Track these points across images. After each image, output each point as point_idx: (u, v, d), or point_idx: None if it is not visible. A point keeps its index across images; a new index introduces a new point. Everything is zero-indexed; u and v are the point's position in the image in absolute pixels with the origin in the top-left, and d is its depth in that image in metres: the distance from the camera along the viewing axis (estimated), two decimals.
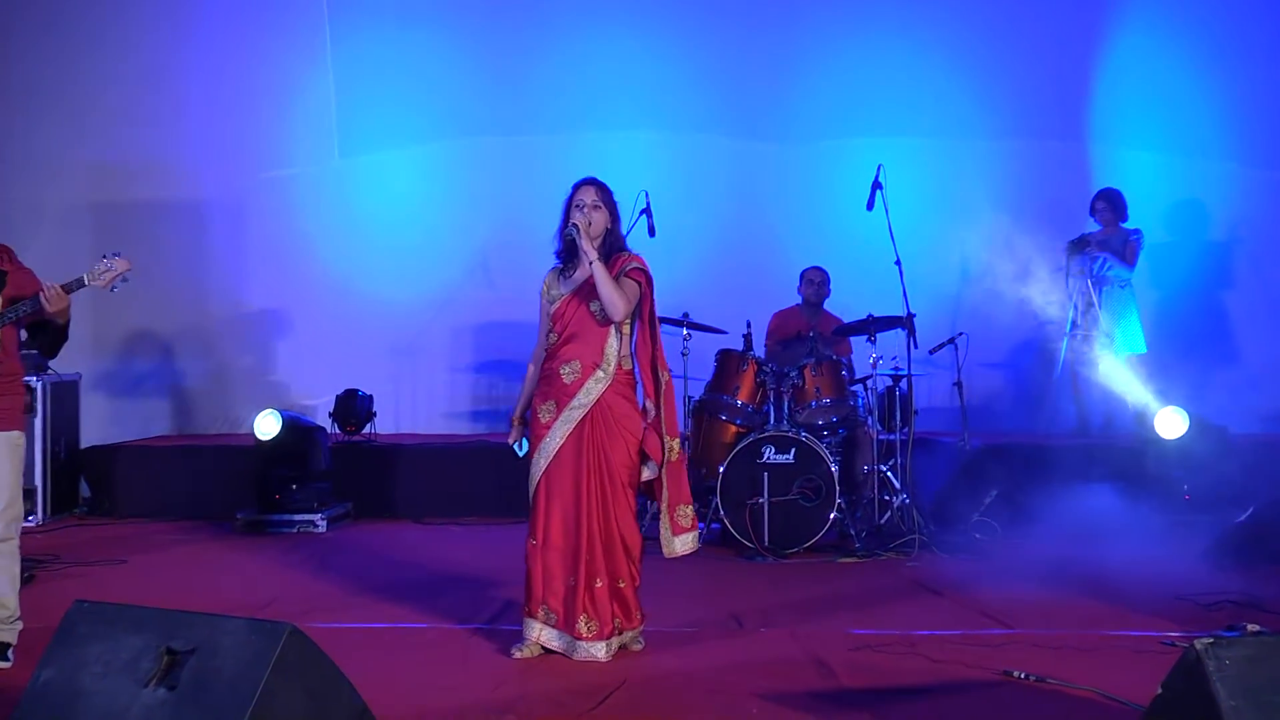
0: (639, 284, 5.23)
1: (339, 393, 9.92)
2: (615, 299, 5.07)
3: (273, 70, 11.07)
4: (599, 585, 5.11)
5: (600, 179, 5.39)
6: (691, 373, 8.46)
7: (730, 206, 10.98)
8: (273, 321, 11.06)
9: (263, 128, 11.06)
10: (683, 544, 5.35)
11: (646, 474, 5.30)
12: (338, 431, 9.74)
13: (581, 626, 5.11)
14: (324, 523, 8.67)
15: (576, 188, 5.32)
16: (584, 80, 11.03)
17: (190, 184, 11.02)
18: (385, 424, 10.29)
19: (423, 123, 11.08)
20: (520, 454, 5.37)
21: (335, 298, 10.93)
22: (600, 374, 5.15)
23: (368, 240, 11.02)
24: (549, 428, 5.15)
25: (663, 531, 5.32)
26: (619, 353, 5.20)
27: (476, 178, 11.03)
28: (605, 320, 5.15)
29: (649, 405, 5.25)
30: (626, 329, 5.27)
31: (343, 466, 9.27)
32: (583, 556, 5.10)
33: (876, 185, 8.22)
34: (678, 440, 5.33)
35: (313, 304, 10.97)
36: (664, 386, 5.30)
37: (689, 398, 8.51)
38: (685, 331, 8.44)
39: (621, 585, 5.17)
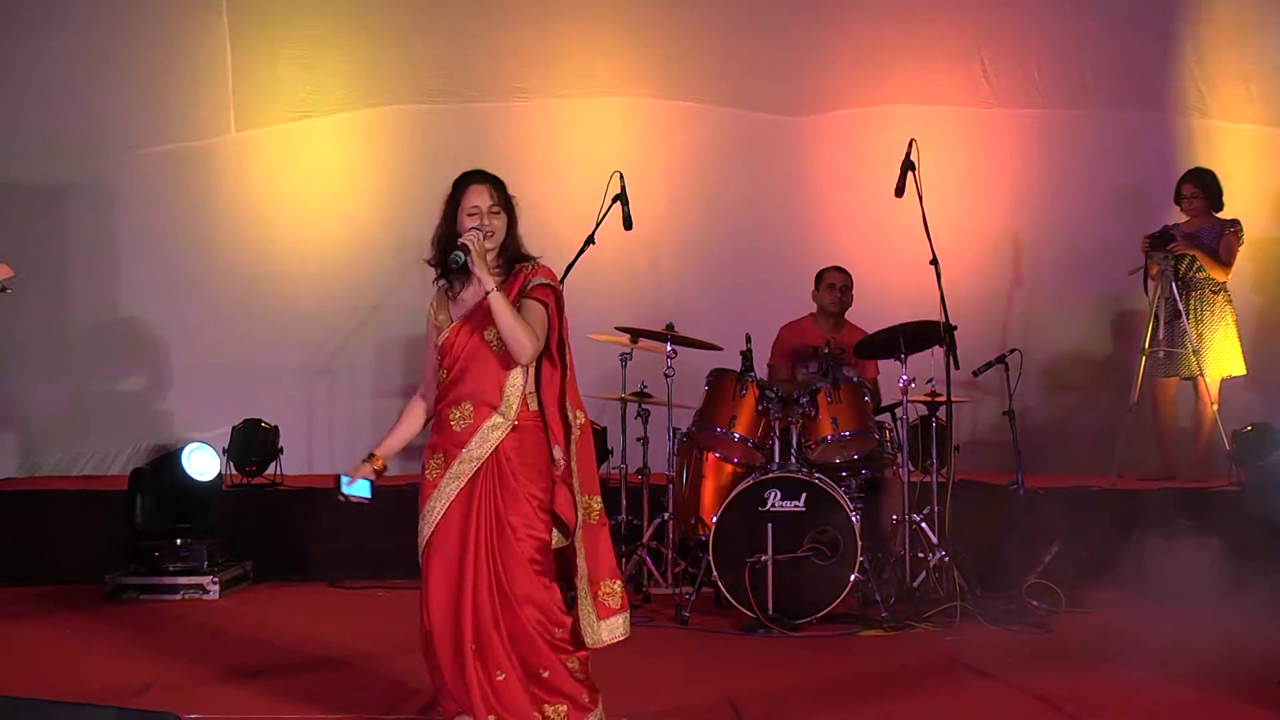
0: (545, 305, 5.09)
1: (236, 424, 9.88)
2: (521, 337, 4.91)
3: (151, 22, 11.06)
4: (500, 678, 4.99)
5: (493, 174, 5.23)
6: (678, 398, 8.46)
7: (727, 192, 11.01)
8: (152, 334, 11.03)
9: (139, 93, 11.03)
10: (610, 631, 5.12)
11: (556, 541, 5.17)
12: (234, 472, 9.70)
13: None
14: (215, 587, 8.62)
15: (466, 187, 5.16)
16: (543, 34, 11.06)
17: (45, 163, 10.97)
18: (294, 463, 10.24)
19: (343, 87, 11.10)
20: (344, 489, 5.17)
21: (231, 304, 10.91)
22: (498, 418, 5.03)
23: (272, 232, 11.01)
24: (434, 486, 5.10)
25: (583, 616, 5.08)
26: (523, 390, 5.07)
27: (409, 155, 11.03)
28: (506, 352, 5.07)
29: (557, 454, 5.13)
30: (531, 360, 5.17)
31: (240, 516, 9.22)
32: (468, 646, 4.99)
33: (908, 166, 8.22)
34: (598, 499, 5.17)
35: (203, 311, 10.94)
36: (577, 431, 5.17)
37: (674, 430, 8.50)
38: (670, 348, 8.44)
39: (545, 674, 5.02)
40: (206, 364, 10.91)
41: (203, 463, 8.85)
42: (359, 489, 5.13)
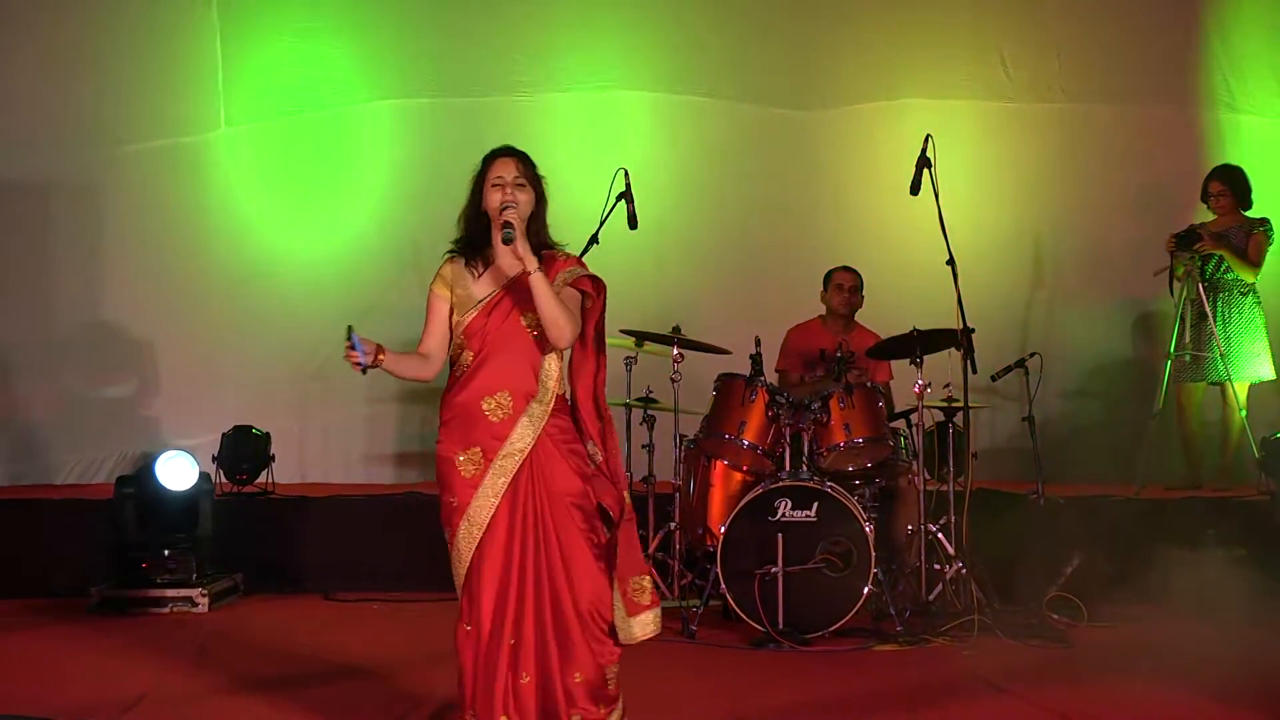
0: (586, 297, 5.13)
1: (226, 430, 9.89)
2: (562, 322, 4.93)
3: (137, 12, 11.08)
4: (525, 681, 5.00)
5: (522, 150, 5.28)
6: (685, 404, 8.47)
7: (735, 190, 11.03)
8: (138, 337, 11.04)
9: (125, 87, 11.04)
10: (642, 627, 5.22)
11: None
12: (224, 481, 9.70)
13: None
14: (205, 599, 8.62)
15: (493, 161, 5.22)
16: (544, 26, 11.08)
17: (26, 160, 10.97)
18: (286, 471, 10.27)
19: (337, 81, 11.12)
20: (353, 336, 4.89)
21: (221, 306, 10.93)
22: (535, 406, 5.04)
23: (263, 232, 11.03)
24: (476, 486, 5.04)
25: (615, 613, 5.17)
26: (557, 376, 5.10)
27: (405, 152, 11.07)
28: (543, 338, 5.10)
29: (591, 448, 5.17)
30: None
31: (231, 527, 9.23)
32: (506, 643, 5.00)
33: (924, 162, 8.22)
34: (625, 494, 5.24)
35: (191, 314, 10.97)
36: (608, 419, 5.23)
37: (680, 437, 8.51)
38: (676, 351, 8.45)
39: (578, 679, 5.04)
40: (195, 368, 10.92)
41: (178, 472, 8.82)
42: (357, 344, 4.88)
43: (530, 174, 5.17)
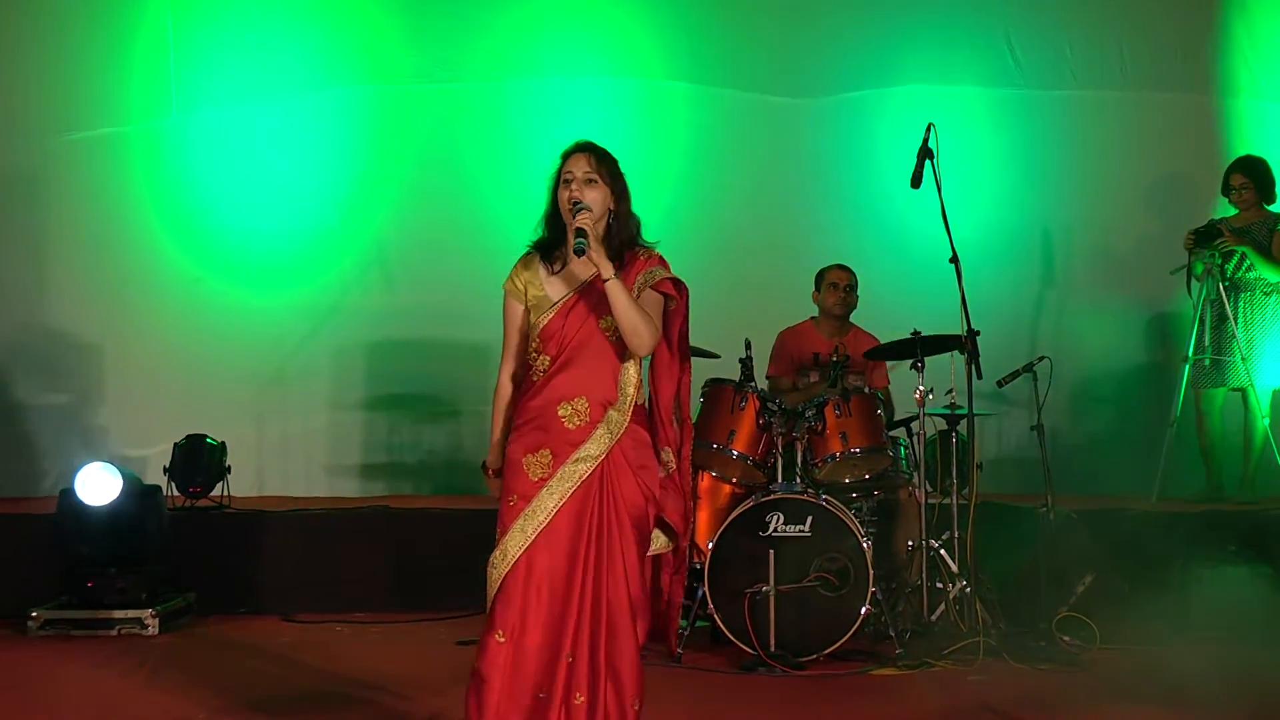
0: (668, 299, 5.14)
1: (178, 440, 9.86)
2: (641, 329, 4.95)
3: None
4: (578, 701, 5.05)
5: (598, 144, 5.23)
6: None
7: (724, 182, 11.04)
8: (83, 340, 11.02)
9: (68, 72, 11.02)
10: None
11: (662, 545, 5.24)
12: (176, 494, 9.68)
13: None
14: (156, 621, 8.61)
15: (566, 157, 5.18)
16: (522, 8, 11.09)
17: None
18: (243, 483, 10.23)
19: (299, 65, 11.10)
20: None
21: (172, 306, 10.92)
22: (614, 414, 5.06)
23: (218, 226, 11.02)
24: (541, 485, 5.04)
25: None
26: (636, 383, 5.13)
27: (372, 141, 11.08)
28: (622, 343, 5.09)
29: (666, 456, 5.20)
30: None
31: (183, 543, 9.21)
32: (564, 660, 5.04)
33: (926, 153, 8.24)
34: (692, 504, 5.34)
35: (140, 315, 10.95)
36: (688, 433, 5.28)
37: None
38: None
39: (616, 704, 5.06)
40: (145, 373, 10.90)
41: (98, 485, 8.72)
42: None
43: (604, 169, 5.15)
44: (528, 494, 5.03)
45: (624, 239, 5.14)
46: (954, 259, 8.00)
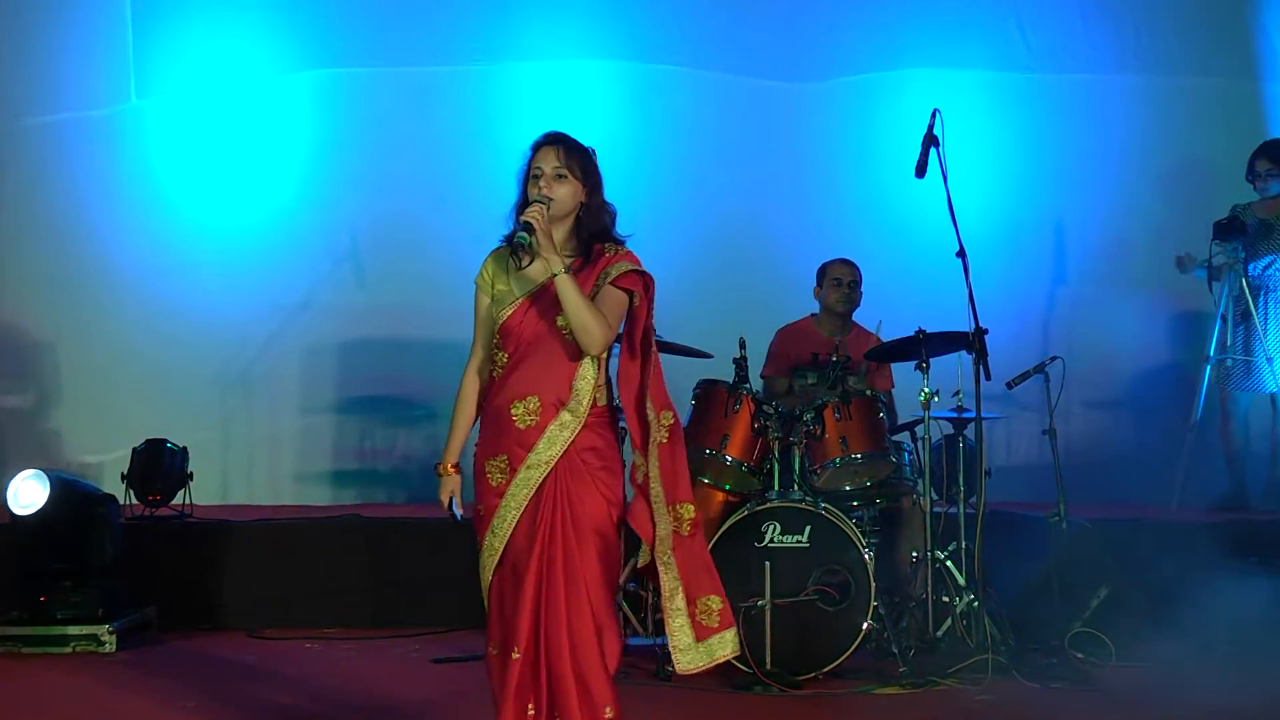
0: (630, 294, 5.18)
1: (137, 445, 9.86)
2: (591, 326, 4.99)
3: None
4: (531, 714, 5.07)
5: (569, 135, 5.30)
6: None
7: (716, 173, 11.05)
8: (37, 339, 11.03)
9: (21, 54, 11.05)
10: (709, 652, 5.27)
11: (644, 560, 5.28)
12: (135, 503, 9.68)
13: None
14: (113, 638, 8.59)
15: (535, 150, 5.25)
16: None
17: None
18: (206, 491, 10.25)
19: (266, 48, 11.11)
20: (459, 519, 5.34)
21: (131, 303, 10.91)
22: (567, 415, 5.09)
23: (180, 218, 11.02)
24: (501, 495, 5.11)
25: (676, 638, 5.25)
26: (594, 384, 5.16)
27: (344, 128, 11.08)
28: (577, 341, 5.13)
29: (636, 459, 5.24)
30: (605, 351, 5.25)
31: (142, 555, 9.20)
32: (542, 673, 5.06)
33: (931, 141, 8.25)
34: (689, 506, 5.30)
35: (97, 312, 10.95)
36: (663, 434, 5.27)
37: None
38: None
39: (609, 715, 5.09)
40: (102, 374, 10.90)
41: (28, 493, 8.67)
42: (458, 515, 5.28)
43: (576, 162, 5.22)
44: (491, 505, 5.12)
45: (593, 232, 5.21)
46: (961, 253, 7.99)
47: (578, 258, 5.10)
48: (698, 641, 5.25)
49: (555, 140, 5.25)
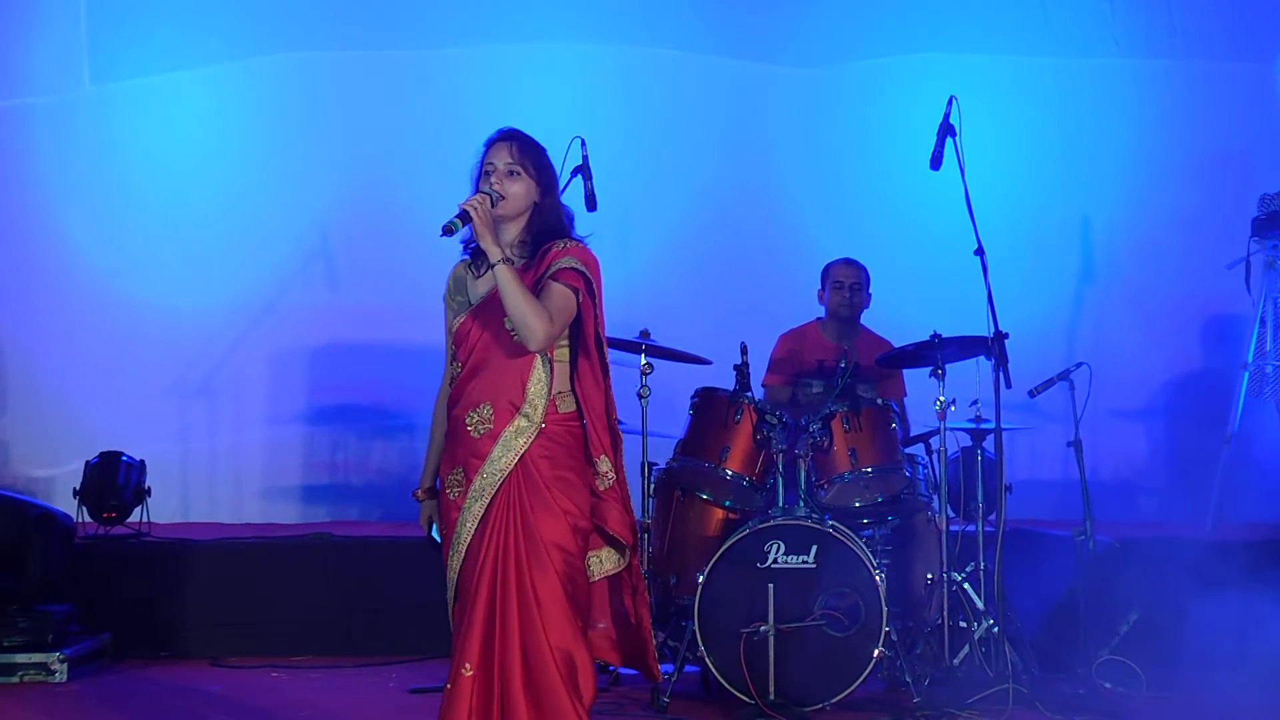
0: (574, 291, 5.25)
1: (91, 458, 9.86)
2: (530, 319, 5.06)
3: None
4: None
5: (524, 132, 5.38)
6: (654, 425, 8.47)
7: (716, 164, 11.05)
8: None
9: None
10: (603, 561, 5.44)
11: (615, 564, 5.38)
12: (88, 521, 9.68)
13: None
14: (64, 667, 8.58)
15: (488, 146, 5.35)
16: None
17: None
18: (165, 508, 10.24)
19: (228, 31, 11.11)
20: (439, 542, 5.39)
21: (86, 304, 10.91)
22: (522, 421, 5.17)
23: (137, 212, 11.02)
24: (458, 509, 5.20)
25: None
26: (549, 387, 5.23)
27: (312, 116, 11.09)
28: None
29: (603, 467, 5.33)
30: (564, 354, 5.30)
31: (96, 577, 9.21)
32: (496, 695, 5.08)
33: (947, 130, 8.26)
34: (607, 458, 5.42)
35: (49, 313, 10.94)
36: (618, 441, 5.39)
37: (649, 465, 8.51)
38: (644, 361, 8.45)
39: None
40: (53, 381, 10.91)
41: None
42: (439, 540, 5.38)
43: (529, 159, 5.31)
44: (451, 519, 5.23)
45: (545, 230, 5.32)
46: (979, 251, 7.99)
47: (527, 255, 5.22)
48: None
49: (509, 136, 5.35)
